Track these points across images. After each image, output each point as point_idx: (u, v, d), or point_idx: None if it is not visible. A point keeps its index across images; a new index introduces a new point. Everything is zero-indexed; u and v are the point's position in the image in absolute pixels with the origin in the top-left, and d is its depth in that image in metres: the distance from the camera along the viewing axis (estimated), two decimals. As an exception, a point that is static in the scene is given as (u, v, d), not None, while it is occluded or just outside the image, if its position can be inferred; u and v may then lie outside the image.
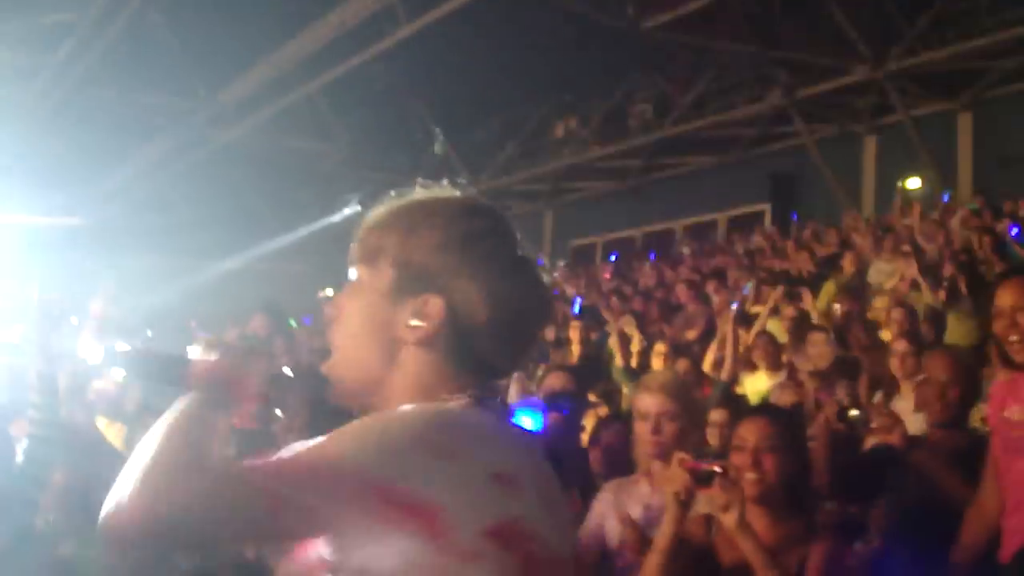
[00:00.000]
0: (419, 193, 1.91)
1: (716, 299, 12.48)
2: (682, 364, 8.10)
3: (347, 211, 20.18)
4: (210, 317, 19.28)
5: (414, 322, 1.78)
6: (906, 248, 11.51)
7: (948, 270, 10.21)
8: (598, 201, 25.76)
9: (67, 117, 16.73)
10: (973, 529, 4.12)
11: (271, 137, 19.81)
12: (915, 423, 5.35)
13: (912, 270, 10.52)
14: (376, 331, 1.82)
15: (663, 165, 23.39)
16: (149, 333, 7.45)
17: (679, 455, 3.68)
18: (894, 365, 6.78)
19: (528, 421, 4.28)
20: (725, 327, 7.65)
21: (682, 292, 13.22)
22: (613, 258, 20.79)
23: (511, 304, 1.82)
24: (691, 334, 10.97)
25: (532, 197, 27.16)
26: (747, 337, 9.03)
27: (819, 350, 7.79)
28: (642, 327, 11.06)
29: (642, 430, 4.17)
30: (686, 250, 19.10)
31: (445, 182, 1.96)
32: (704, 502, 3.85)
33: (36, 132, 16.68)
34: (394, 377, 1.81)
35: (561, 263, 22.69)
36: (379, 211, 1.90)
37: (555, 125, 24.22)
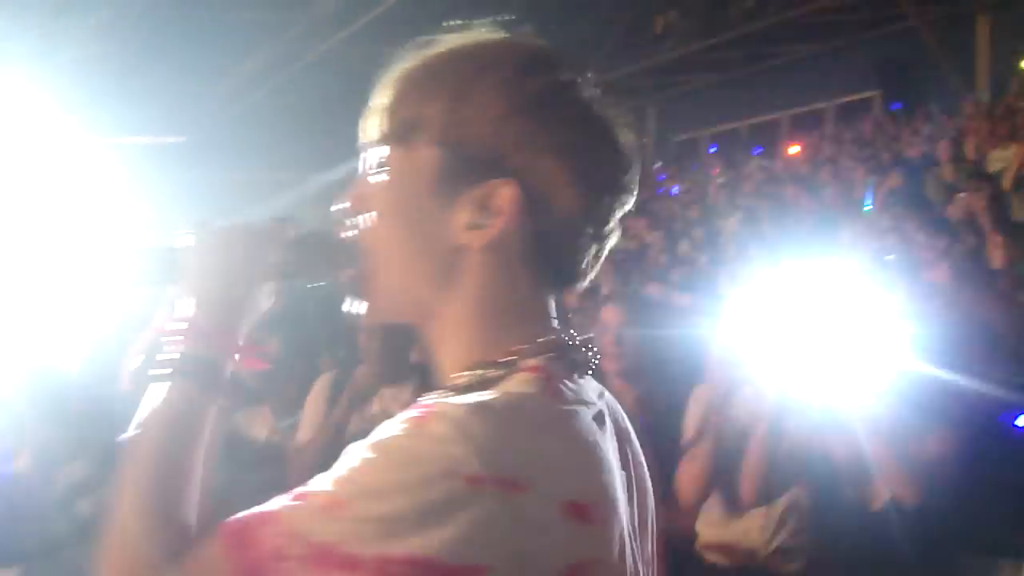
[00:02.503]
0: (453, 39, 1.41)
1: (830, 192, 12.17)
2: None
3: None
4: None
5: (478, 220, 1.30)
6: (1025, 132, 11.08)
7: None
8: (701, 94, 25.23)
9: (166, 38, 16.70)
10: None
11: (366, 47, 19.64)
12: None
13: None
14: (423, 238, 1.34)
15: (767, 55, 22.78)
16: None
17: None
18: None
19: None
20: None
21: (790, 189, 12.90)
22: (713, 150, 20.17)
23: (603, 181, 1.36)
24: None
25: (633, 93, 26.75)
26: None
27: None
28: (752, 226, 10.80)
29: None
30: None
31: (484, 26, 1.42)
32: None
33: (136, 55, 16.72)
34: (451, 299, 1.35)
35: (658, 163, 22.40)
36: (405, 67, 1.40)
37: (655, 19, 23.68)
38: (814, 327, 3.61)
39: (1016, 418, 4.04)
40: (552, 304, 1.41)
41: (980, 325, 4.36)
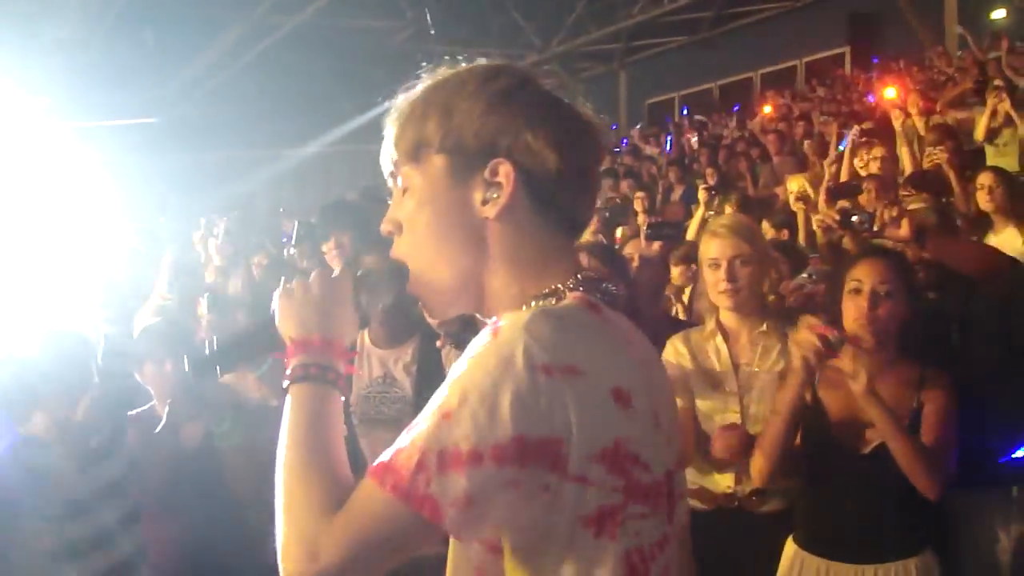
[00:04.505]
0: (429, 78, 1.75)
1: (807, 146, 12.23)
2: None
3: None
4: (295, 203, 19.49)
5: (489, 195, 1.64)
6: (998, 82, 11.13)
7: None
8: (672, 56, 25.27)
9: (133, 19, 16.62)
10: None
11: (337, 19, 19.58)
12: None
13: (1005, 104, 10.20)
14: (453, 221, 1.68)
15: (736, 14, 22.84)
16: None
17: (808, 320, 3.61)
18: (982, 199, 6.63)
19: None
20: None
21: (771, 142, 12.97)
22: (685, 112, 20.31)
23: (574, 143, 1.68)
24: (780, 190, 10.66)
25: (604, 58, 26.75)
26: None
27: None
28: (729, 184, 10.86)
29: (714, 278, 4.00)
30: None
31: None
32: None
33: (104, 37, 16.62)
34: (490, 263, 1.69)
35: (638, 126, 22.39)
36: (398, 109, 1.74)
37: (624, -19, 23.68)
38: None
39: (1015, 451, 4.04)
40: (574, 250, 1.77)
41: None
